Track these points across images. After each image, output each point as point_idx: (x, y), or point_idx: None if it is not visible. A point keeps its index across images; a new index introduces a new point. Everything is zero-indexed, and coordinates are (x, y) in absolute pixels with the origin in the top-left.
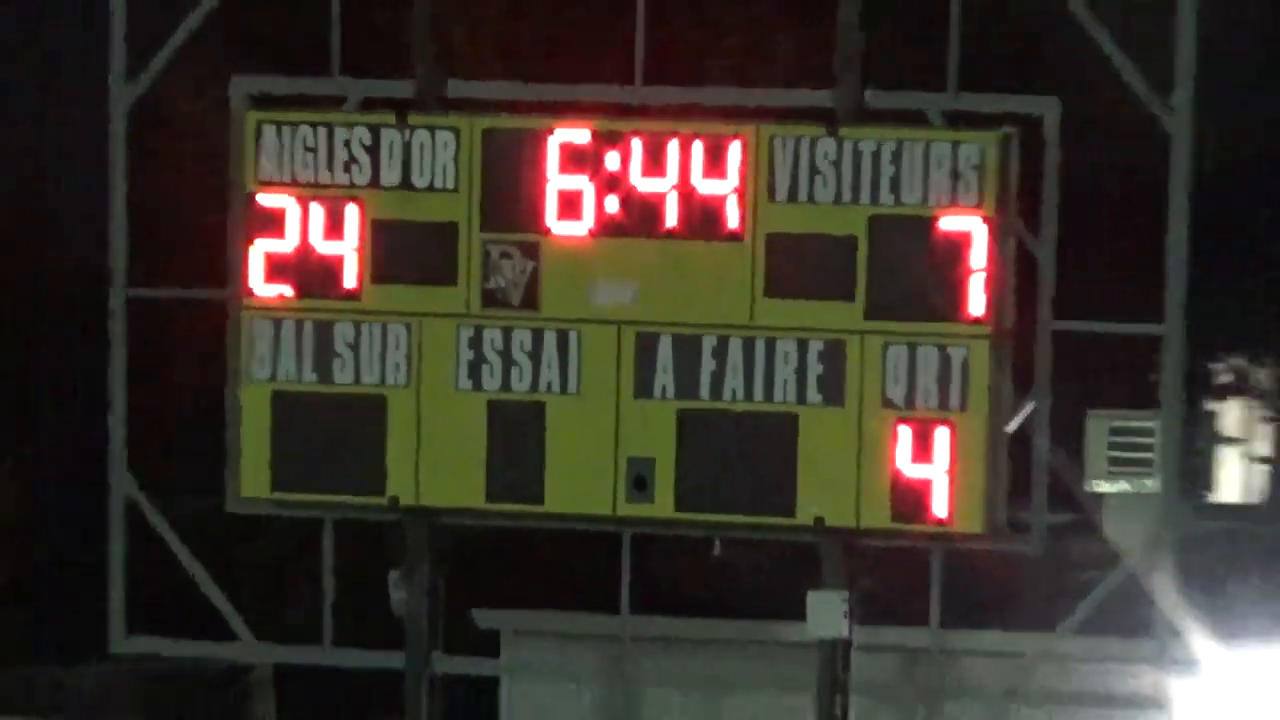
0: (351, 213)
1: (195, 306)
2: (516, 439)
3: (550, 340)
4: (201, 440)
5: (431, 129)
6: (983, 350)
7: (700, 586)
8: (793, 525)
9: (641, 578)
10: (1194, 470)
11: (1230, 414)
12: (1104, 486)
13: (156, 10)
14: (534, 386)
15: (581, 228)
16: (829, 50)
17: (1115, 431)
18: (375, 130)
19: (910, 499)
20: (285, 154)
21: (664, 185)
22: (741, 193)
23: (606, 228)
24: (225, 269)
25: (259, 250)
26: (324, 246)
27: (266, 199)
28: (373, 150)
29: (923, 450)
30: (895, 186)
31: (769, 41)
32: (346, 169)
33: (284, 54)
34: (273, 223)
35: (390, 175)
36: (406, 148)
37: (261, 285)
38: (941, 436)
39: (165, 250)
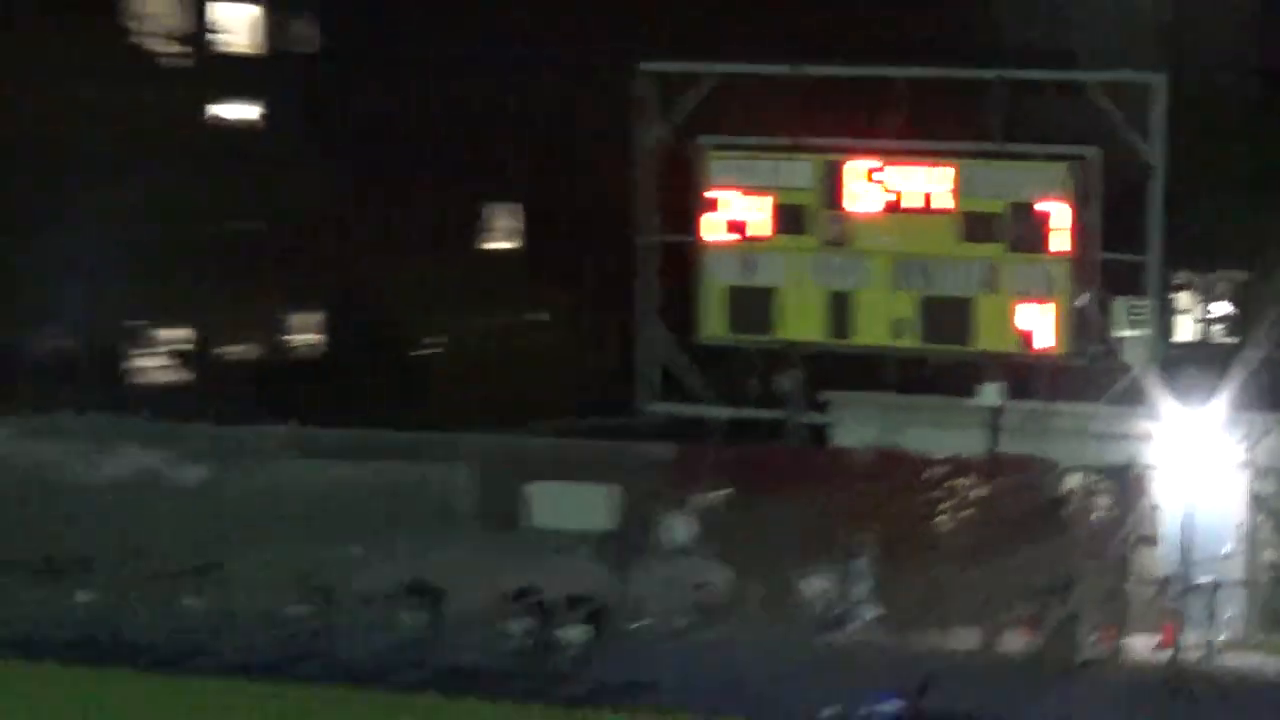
0: (765, 201)
1: (680, 246)
2: (842, 309)
3: (857, 262)
4: (682, 305)
5: (793, 160)
6: (1064, 268)
7: (925, 381)
8: (971, 351)
9: (897, 376)
10: (1165, 325)
11: (1182, 299)
12: (1123, 332)
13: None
14: (849, 285)
15: (868, 207)
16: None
17: (1129, 307)
18: (773, 163)
19: (1029, 337)
20: (726, 172)
21: (911, 186)
22: (953, 191)
23: (882, 208)
24: (692, 226)
25: (711, 218)
26: (742, 215)
27: (712, 193)
28: (771, 170)
29: (1036, 316)
30: (1020, 188)
31: (958, 116)
32: (757, 178)
33: (715, 120)
34: (716, 204)
35: (777, 181)
36: (783, 170)
37: (710, 234)
38: (1047, 310)
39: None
